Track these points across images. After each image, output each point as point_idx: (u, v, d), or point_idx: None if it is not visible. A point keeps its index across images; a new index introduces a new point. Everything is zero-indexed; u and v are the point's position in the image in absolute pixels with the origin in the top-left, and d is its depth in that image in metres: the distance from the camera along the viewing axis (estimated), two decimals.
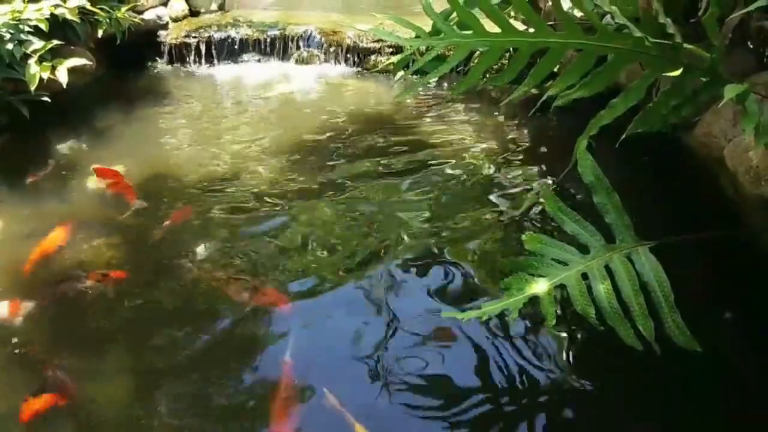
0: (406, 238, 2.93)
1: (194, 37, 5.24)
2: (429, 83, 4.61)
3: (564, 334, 2.32)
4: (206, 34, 5.26)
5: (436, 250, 2.84)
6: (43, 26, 3.79)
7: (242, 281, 2.60)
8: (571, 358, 2.26)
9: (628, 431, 2.05)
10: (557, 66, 2.34)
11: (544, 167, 3.51)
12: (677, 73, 2.10)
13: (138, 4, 4.91)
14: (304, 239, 2.91)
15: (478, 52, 2.58)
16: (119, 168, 3.46)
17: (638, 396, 2.12)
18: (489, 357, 2.26)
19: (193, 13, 5.62)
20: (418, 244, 2.88)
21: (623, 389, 2.16)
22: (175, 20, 5.41)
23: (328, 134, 3.98)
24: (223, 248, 2.84)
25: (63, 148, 3.77)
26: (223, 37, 5.25)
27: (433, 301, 2.53)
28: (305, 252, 2.83)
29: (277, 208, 3.14)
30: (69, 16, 3.98)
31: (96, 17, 4.29)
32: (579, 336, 2.32)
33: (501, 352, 2.28)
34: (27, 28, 3.77)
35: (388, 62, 4.83)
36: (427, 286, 2.61)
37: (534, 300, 2.08)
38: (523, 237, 2.30)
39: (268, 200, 3.21)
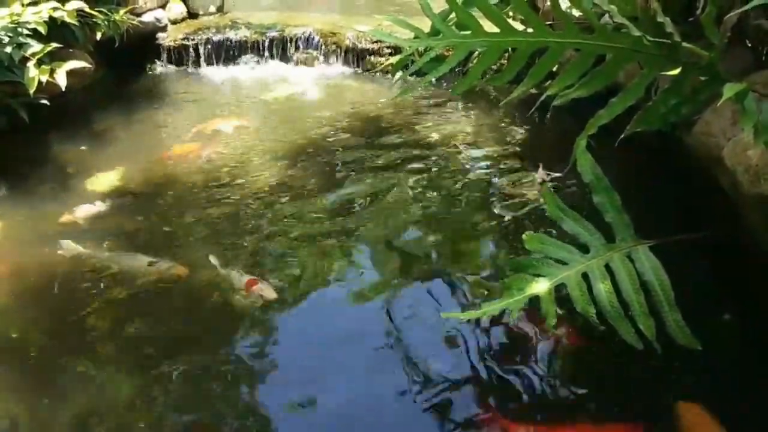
0: (405, 237, 2.93)
1: (193, 39, 5.25)
2: (428, 84, 4.61)
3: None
4: (205, 36, 5.27)
5: (435, 250, 2.84)
6: (42, 29, 3.78)
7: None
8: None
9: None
10: (556, 65, 2.34)
11: (543, 167, 3.51)
12: (676, 71, 2.11)
13: (136, 6, 4.91)
14: (304, 239, 2.91)
15: (477, 53, 2.58)
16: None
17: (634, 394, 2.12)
18: (487, 355, 2.26)
19: (192, 15, 5.62)
20: (417, 244, 2.88)
21: (615, 387, 2.16)
22: (174, 22, 5.41)
23: (328, 135, 3.98)
24: (225, 248, 2.83)
25: (62, 150, 3.77)
26: (221, 39, 5.25)
27: (432, 301, 2.52)
28: (306, 252, 2.83)
29: (278, 208, 3.14)
30: (67, 19, 3.97)
31: (94, 20, 4.29)
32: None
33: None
34: (26, 31, 3.77)
35: (387, 63, 4.83)
36: (427, 286, 2.61)
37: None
38: (524, 237, 2.30)
39: (269, 200, 3.21)
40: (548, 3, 2.72)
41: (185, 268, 2.66)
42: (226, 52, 5.25)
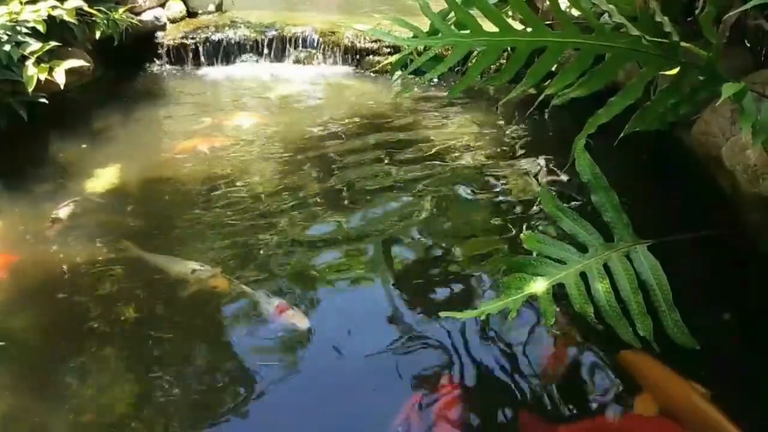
0: (404, 237, 2.93)
1: (192, 38, 5.25)
2: (427, 83, 4.62)
3: None
4: (204, 35, 5.27)
5: (434, 249, 2.84)
6: (41, 28, 3.78)
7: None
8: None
9: None
10: (555, 65, 2.35)
11: (542, 166, 3.51)
12: (675, 71, 2.11)
13: (135, 5, 4.91)
14: (303, 240, 2.91)
15: (476, 52, 2.58)
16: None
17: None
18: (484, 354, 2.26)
19: (191, 14, 5.62)
20: (416, 243, 2.88)
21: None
22: (173, 21, 5.41)
23: (327, 134, 3.98)
24: (222, 249, 2.83)
25: (61, 149, 3.77)
26: (220, 38, 5.25)
27: (431, 300, 2.52)
28: (305, 252, 2.83)
29: (277, 208, 3.14)
30: (66, 18, 3.97)
31: (93, 18, 4.29)
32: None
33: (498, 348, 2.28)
34: (24, 30, 3.77)
35: (386, 62, 4.83)
36: (426, 285, 2.61)
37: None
38: (522, 236, 2.31)
39: (268, 200, 3.21)
40: (547, 2, 2.72)
41: (226, 280, 2.54)
42: (225, 51, 5.25)
